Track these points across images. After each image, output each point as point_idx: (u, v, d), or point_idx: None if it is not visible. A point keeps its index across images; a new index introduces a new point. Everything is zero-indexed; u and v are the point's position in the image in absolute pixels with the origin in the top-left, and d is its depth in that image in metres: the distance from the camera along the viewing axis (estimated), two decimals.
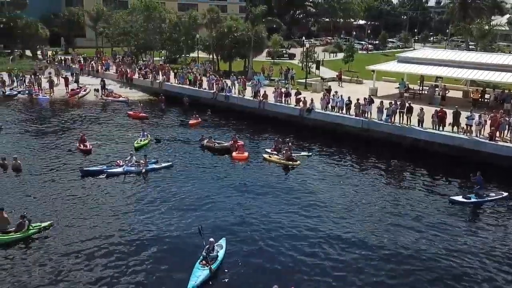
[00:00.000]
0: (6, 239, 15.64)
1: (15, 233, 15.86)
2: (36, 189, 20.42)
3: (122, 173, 22.25)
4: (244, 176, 23.00)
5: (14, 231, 15.89)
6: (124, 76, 46.47)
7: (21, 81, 44.39)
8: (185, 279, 13.51)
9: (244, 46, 48.84)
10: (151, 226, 17.06)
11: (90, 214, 17.97)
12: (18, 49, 61.74)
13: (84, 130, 29.43)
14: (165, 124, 33.48)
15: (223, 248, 15.10)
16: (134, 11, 59.79)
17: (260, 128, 32.38)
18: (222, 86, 38.09)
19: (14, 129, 31.11)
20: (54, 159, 24.63)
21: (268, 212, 18.55)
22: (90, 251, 15.18)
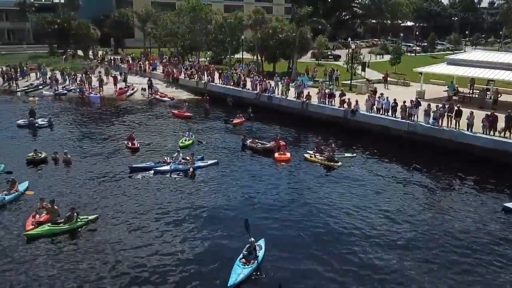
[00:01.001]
0: (56, 230, 16.21)
1: (64, 224, 16.43)
2: (85, 183, 21.12)
3: (169, 171, 22.68)
4: (285, 177, 22.94)
5: (63, 223, 16.46)
6: (171, 76, 47.44)
7: (72, 80, 46.17)
8: (225, 276, 13.57)
9: (289, 47, 48.81)
10: (194, 223, 17.28)
11: (136, 210, 18.39)
12: (71, 49, 64.09)
13: (131, 128, 30.22)
14: (209, 124, 33.88)
15: (262, 249, 15.09)
16: (181, 12, 60.97)
17: (303, 129, 32.25)
18: (265, 86, 38.21)
19: (65, 125, 32.41)
20: (102, 155, 25.41)
21: (307, 214, 18.37)
22: (134, 245, 15.53)
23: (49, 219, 16.74)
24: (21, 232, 16.25)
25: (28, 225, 16.42)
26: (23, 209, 18.14)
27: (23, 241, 15.70)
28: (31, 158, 23.67)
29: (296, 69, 47.64)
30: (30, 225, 16.41)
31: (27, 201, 18.79)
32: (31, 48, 69.48)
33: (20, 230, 16.41)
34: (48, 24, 61.74)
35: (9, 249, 15.13)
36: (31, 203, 18.39)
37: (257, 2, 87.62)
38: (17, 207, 18.44)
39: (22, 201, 18.94)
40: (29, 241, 15.63)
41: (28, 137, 29.27)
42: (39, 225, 16.42)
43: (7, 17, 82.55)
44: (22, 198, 19.11)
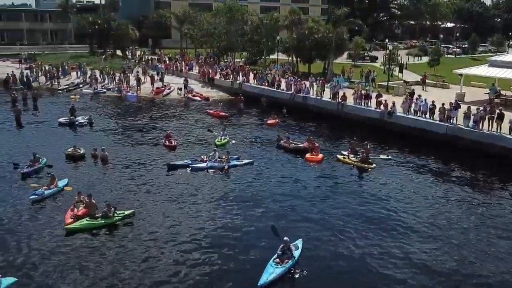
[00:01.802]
0: (94, 225, 16.61)
1: (102, 219, 16.81)
2: (122, 179, 21.58)
3: (206, 168, 22.92)
4: (318, 178, 22.74)
5: (100, 217, 16.85)
6: (206, 76, 47.91)
7: (111, 79, 47.31)
8: (257, 275, 13.54)
9: (325, 47, 48.40)
10: (228, 221, 17.35)
11: (172, 206, 18.62)
12: (110, 49, 65.66)
13: (167, 127, 30.67)
14: (243, 123, 34.06)
15: (299, 249, 14.95)
16: (218, 13, 61.51)
17: (338, 130, 31.95)
18: (300, 87, 38.06)
19: (104, 122, 33.22)
20: (139, 152, 25.89)
21: (341, 215, 18.15)
22: (167, 241, 15.72)
23: (87, 213, 17.16)
24: (59, 225, 16.71)
25: (68, 219, 16.86)
26: (61, 204, 18.66)
27: (63, 234, 16.13)
28: (71, 153, 24.40)
29: (332, 70, 47.24)
30: (69, 218, 16.85)
31: (65, 196, 19.32)
32: (73, 48, 71.66)
33: (59, 223, 16.87)
34: (89, 24, 63.49)
35: (49, 242, 15.57)
36: (68, 198, 18.87)
37: (294, 3, 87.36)
38: (55, 201, 18.99)
39: (61, 196, 19.48)
40: (68, 235, 16.06)
41: (68, 134, 30.14)
42: (78, 218, 16.85)
43: (50, 18, 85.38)
44: (60, 193, 19.65)
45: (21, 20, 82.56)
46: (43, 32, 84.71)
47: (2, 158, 24.14)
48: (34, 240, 15.61)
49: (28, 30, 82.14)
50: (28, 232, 16.14)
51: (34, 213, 17.83)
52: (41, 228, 16.50)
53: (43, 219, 17.28)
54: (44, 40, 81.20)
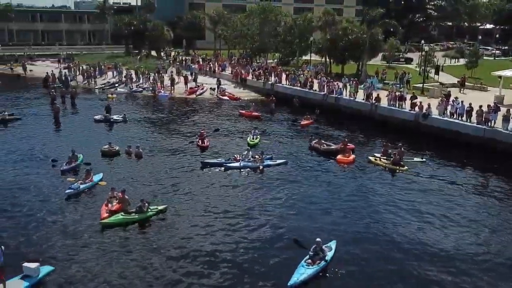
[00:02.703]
0: (129, 220, 16.94)
1: (136, 214, 17.13)
2: (155, 176, 21.93)
3: (239, 168, 23.03)
4: (350, 179, 22.53)
5: (134, 212, 17.17)
6: (239, 76, 48.15)
7: (146, 79, 48.13)
8: (288, 275, 13.47)
9: (359, 48, 47.85)
10: (260, 220, 17.37)
11: (204, 204, 18.78)
12: (145, 49, 66.81)
13: (200, 126, 30.93)
14: (275, 123, 34.08)
15: (332, 251, 14.78)
16: (251, 14, 61.72)
17: (370, 132, 31.53)
18: (333, 88, 37.76)
19: (138, 121, 33.82)
20: (172, 150, 26.24)
21: (374, 217, 17.93)
22: (198, 238, 15.85)
23: (120, 208, 17.51)
24: (94, 219, 17.12)
25: (103, 213, 17.25)
26: (95, 198, 19.10)
27: (98, 228, 16.52)
28: (106, 150, 24.96)
29: (365, 71, 46.65)
30: (105, 213, 17.25)
31: (99, 191, 19.79)
32: (109, 49, 73.28)
33: (93, 217, 17.29)
34: (125, 25, 64.77)
35: (84, 234, 15.97)
36: (102, 192, 19.33)
37: (328, 4, 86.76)
38: (90, 196, 19.45)
39: (95, 190, 19.95)
40: (103, 229, 16.43)
41: (104, 131, 30.88)
42: (112, 213, 17.22)
43: (88, 20, 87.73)
44: (95, 188, 20.12)
45: (61, 21, 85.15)
46: (81, 33, 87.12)
47: (41, 154, 24.95)
48: (70, 232, 16.05)
49: (67, 31, 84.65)
50: (65, 225, 16.61)
51: (70, 207, 18.32)
52: (77, 221, 16.94)
53: (79, 213, 17.72)
54: (82, 41, 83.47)
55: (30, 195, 19.17)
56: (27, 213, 17.50)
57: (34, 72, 56.24)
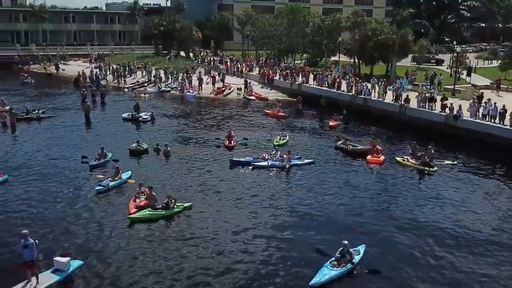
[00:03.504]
0: (156, 215, 17.16)
1: (163, 210, 17.34)
2: (183, 174, 22.18)
3: (267, 167, 23.03)
4: (379, 180, 22.28)
5: (161, 209, 17.38)
6: (266, 77, 48.18)
7: (175, 79, 48.71)
8: (310, 275, 13.36)
9: (388, 49, 47.20)
10: (286, 220, 17.29)
11: (230, 201, 18.84)
12: (174, 50, 67.54)
13: (227, 126, 31.09)
14: (302, 124, 33.99)
15: (359, 255, 14.53)
16: (280, 15, 61.67)
17: (399, 133, 31.09)
18: (361, 88, 37.37)
19: (166, 119, 34.27)
20: (199, 148, 26.48)
21: (406, 220, 17.58)
22: (223, 235, 15.88)
23: (147, 204, 17.74)
24: (123, 214, 17.38)
25: (131, 208, 17.53)
26: (124, 195, 19.39)
27: (126, 223, 16.77)
28: (134, 148, 25.33)
29: (395, 72, 46.00)
30: (133, 208, 17.53)
31: (127, 188, 20.08)
32: (139, 49, 74.34)
33: (121, 213, 17.55)
34: (155, 26, 65.60)
35: (113, 230, 16.24)
36: (130, 190, 19.59)
37: (357, 5, 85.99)
38: (118, 192, 19.76)
39: (123, 187, 20.26)
40: (131, 224, 16.68)
41: (132, 129, 31.37)
42: (140, 209, 17.47)
43: (119, 20, 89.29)
44: (123, 185, 20.42)
45: (92, 22, 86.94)
46: (112, 33, 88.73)
47: (72, 151, 25.53)
48: (99, 227, 16.34)
49: (98, 32, 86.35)
50: (94, 220, 16.93)
51: (100, 203, 18.64)
52: (106, 217, 17.24)
53: (107, 209, 18.03)
54: (113, 41, 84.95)
55: (62, 191, 19.61)
56: (58, 208, 17.91)
57: (66, 72, 57.64)
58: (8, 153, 25.05)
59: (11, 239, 15.00)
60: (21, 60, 62.58)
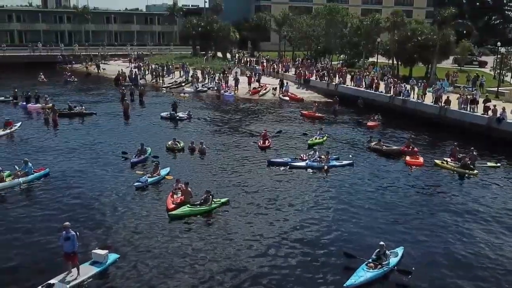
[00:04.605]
0: (195, 211, 17.35)
1: (201, 206, 17.54)
2: (218, 171, 22.36)
3: (305, 167, 22.89)
4: (417, 182, 21.75)
5: (199, 204, 17.58)
6: (302, 77, 47.96)
7: (211, 79, 49.12)
8: (345, 277, 13.20)
9: (428, 50, 46.07)
10: (322, 219, 17.10)
11: (266, 200, 18.83)
12: (212, 50, 68.20)
13: (262, 126, 31.07)
14: (338, 124, 33.66)
15: (397, 257, 14.21)
16: (318, 16, 61.29)
17: (439, 135, 30.38)
18: (400, 89, 36.66)
19: (202, 118, 34.62)
20: (234, 147, 26.63)
21: (444, 223, 17.13)
22: (257, 234, 15.84)
23: (184, 200, 17.96)
24: (161, 210, 17.64)
25: (169, 204, 17.77)
26: (162, 191, 19.68)
27: (164, 218, 17.01)
28: (170, 146, 25.71)
29: (435, 73, 44.89)
30: (171, 204, 17.76)
31: (164, 184, 20.38)
32: (177, 49, 75.51)
33: (159, 208, 17.83)
34: (193, 26, 66.42)
35: (151, 225, 16.47)
36: (168, 186, 19.87)
37: (397, 6, 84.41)
38: (156, 188, 20.06)
39: (161, 183, 20.55)
40: (170, 219, 16.91)
41: (169, 127, 31.86)
42: (178, 205, 17.71)
43: (158, 21, 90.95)
44: (161, 181, 20.71)
45: (133, 23, 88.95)
46: (151, 34, 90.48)
47: (111, 146, 26.21)
48: (137, 222, 16.59)
49: (138, 32, 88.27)
50: (131, 215, 17.22)
51: (138, 198, 18.97)
52: (144, 212, 17.49)
53: (145, 204, 18.31)
54: (152, 42, 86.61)
55: (102, 186, 20.06)
56: (97, 202, 18.30)
57: (107, 71, 59.11)
58: (50, 148, 25.88)
59: (52, 231, 15.45)
60: (64, 60, 64.65)
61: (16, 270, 13.35)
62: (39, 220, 16.59)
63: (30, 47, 68.09)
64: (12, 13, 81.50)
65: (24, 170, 20.30)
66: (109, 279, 13.16)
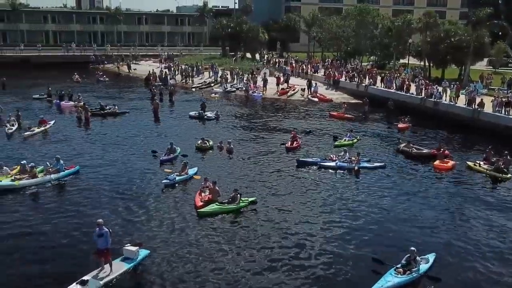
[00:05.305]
0: (224, 209, 17.43)
1: (229, 204, 17.63)
2: (245, 170, 22.43)
3: (335, 168, 22.73)
4: (448, 186, 21.27)
5: (227, 203, 17.68)
6: (331, 78, 47.60)
7: (240, 79, 49.30)
8: (372, 281, 12.98)
9: (462, 52, 44.98)
10: (349, 222, 16.90)
11: (293, 200, 18.76)
12: (241, 51, 68.46)
13: (290, 126, 30.94)
14: (368, 126, 33.26)
15: (428, 263, 13.88)
16: (348, 17, 60.75)
17: (471, 138, 29.67)
18: (431, 91, 35.94)
19: (230, 118, 34.82)
20: (262, 147, 26.64)
21: (479, 230, 16.66)
22: (284, 235, 15.76)
23: (212, 198, 18.04)
24: (187, 207, 17.80)
25: (198, 202, 17.91)
26: (189, 189, 19.83)
27: (192, 216, 17.14)
28: (200, 145, 25.93)
29: (468, 75, 43.81)
30: (199, 202, 17.90)
31: (191, 183, 20.49)
32: (207, 50, 76.17)
33: (187, 206, 17.98)
34: (223, 27, 66.84)
35: (180, 222, 16.62)
36: (195, 184, 20.02)
37: (430, 7, 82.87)
38: (184, 187, 20.23)
39: (189, 182, 20.66)
40: (198, 217, 17.03)
41: (198, 126, 32.15)
42: (206, 202, 17.83)
43: (188, 22, 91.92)
44: (189, 180, 20.81)
45: (164, 24, 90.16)
46: (182, 35, 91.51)
47: (141, 145, 26.61)
48: (167, 220, 16.77)
49: (169, 33, 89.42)
50: (160, 212, 17.40)
51: (166, 195, 19.18)
52: (172, 209, 17.68)
53: (173, 202, 18.51)
54: (182, 42, 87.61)
55: (133, 183, 20.33)
56: (127, 199, 18.56)
57: (138, 71, 60.05)
58: (81, 146, 26.43)
59: (83, 228, 15.76)
60: (96, 60, 66.05)
61: (49, 267, 13.57)
62: (70, 217, 16.87)
63: (64, 47, 69.96)
64: (47, 14, 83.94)
65: (55, 167, 20.75)
66: (140, 276, 13.30)
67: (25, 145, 26.53)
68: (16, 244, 14.84)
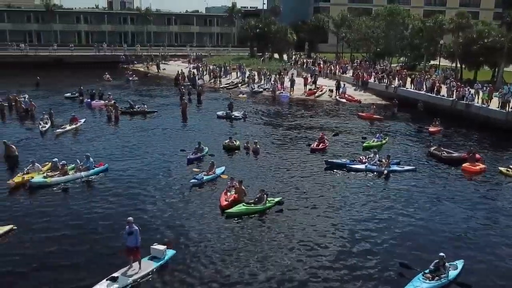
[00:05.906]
0: (251, 210, 17.45)
1: (255, 205, 17.63)
2: (271, 170, 22.40)
3: (363, 170, 22.49)
4: (479, 191, 20.77)
5: (253, 203, 17.69)
6: (360, 79, 47.13)
7: (267, 80, 49.31)
8: (399, 285, 12.81)
9: (496, 53, 43.87)
10: (378, 229, 16.58)
11: (320, 201, 18.65)
12: (269, 51, 68.47)
13: (317, 127, 30.82)
14: (397, 128, 32.80)
15: (456, 270, 13.58)
16: (377, 17, 60.05)
17: (504, 142, 28.88)
18: (463, 93, 35.15)
19: (257, 118, 34.86)
20: (289, 148, 26.63)
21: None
22: (311, 237, 15.64)
23: (237, 198, 18.09)
24: (215, 208, 17.83)
25: (223, 201, 17.96)
26: (216, 189, 19.86)
27: (218, 216, 17.20)
28: (227, 145, 26.06)
29: (502, 77, 42.69)
30: (224, 201, 17.95)
31: (219, 183, 20.55)
32: (235, 50, 76.44)
33: (214, 206, 18.00)
34: (251, 28, 66.98)
35: (206, 222, 16.67)
36: (222, 184, 20.07)
37: (462, 7, 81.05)
38: (211, 186, 20.32)
39: (216, 182, 20.73)
40: (225, 218, 17.06)
41: (225, 126, 32.27)
42: (231, 202, 17.87)
43: (217, 23, 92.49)
44: (216, 180, 20.90)
45: (193, 24, 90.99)
46: (210, 35, 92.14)
47: (170, 144, 26.90)
48: (194, 219, 16.85)
49: (197, 34, 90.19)
50: (187, 211, 17.51)
51: (194, 195, 19.26)
52: (199, 209, 17.73)
53: (201, 201, 18.56)
54: (211, 43, 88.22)
55: (159, 182, 20.52)
56: (154, 198, 18.70)
57: (167, 71, 60.76)
58: (111, 144, 26.91)
59: (112, 225, 16.01)
60: (126, 60, 67.17)
61: (81, 262, 13.80)
62: (99, 214, 17.15)
63: (96, 47, 71.38)
64: (80, 15, 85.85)
65: (85, 164, 21.15)
66: (168, 275, 13.37)
67: (57, 143, 27.15)
68: (49, 239, 15.16)
